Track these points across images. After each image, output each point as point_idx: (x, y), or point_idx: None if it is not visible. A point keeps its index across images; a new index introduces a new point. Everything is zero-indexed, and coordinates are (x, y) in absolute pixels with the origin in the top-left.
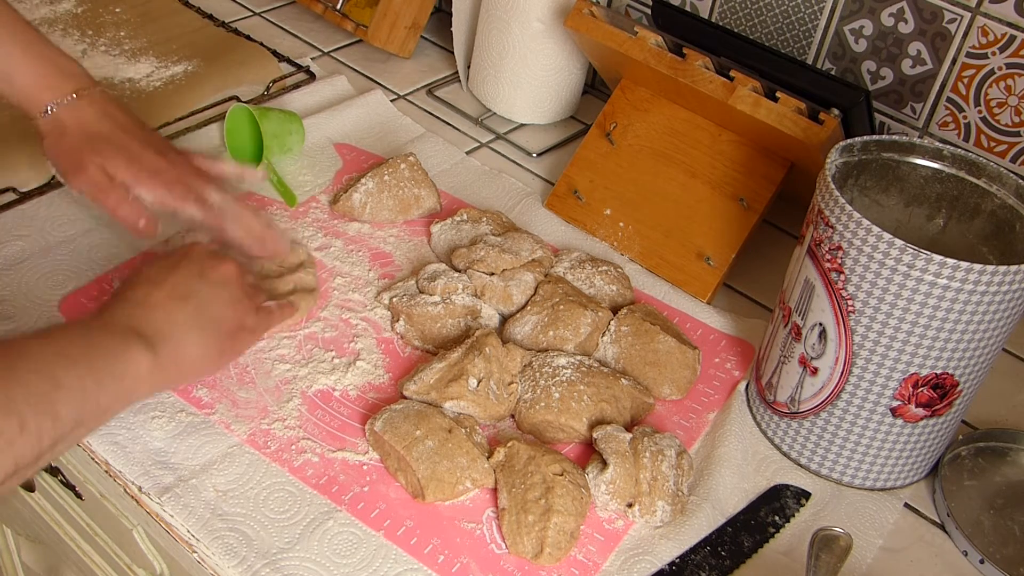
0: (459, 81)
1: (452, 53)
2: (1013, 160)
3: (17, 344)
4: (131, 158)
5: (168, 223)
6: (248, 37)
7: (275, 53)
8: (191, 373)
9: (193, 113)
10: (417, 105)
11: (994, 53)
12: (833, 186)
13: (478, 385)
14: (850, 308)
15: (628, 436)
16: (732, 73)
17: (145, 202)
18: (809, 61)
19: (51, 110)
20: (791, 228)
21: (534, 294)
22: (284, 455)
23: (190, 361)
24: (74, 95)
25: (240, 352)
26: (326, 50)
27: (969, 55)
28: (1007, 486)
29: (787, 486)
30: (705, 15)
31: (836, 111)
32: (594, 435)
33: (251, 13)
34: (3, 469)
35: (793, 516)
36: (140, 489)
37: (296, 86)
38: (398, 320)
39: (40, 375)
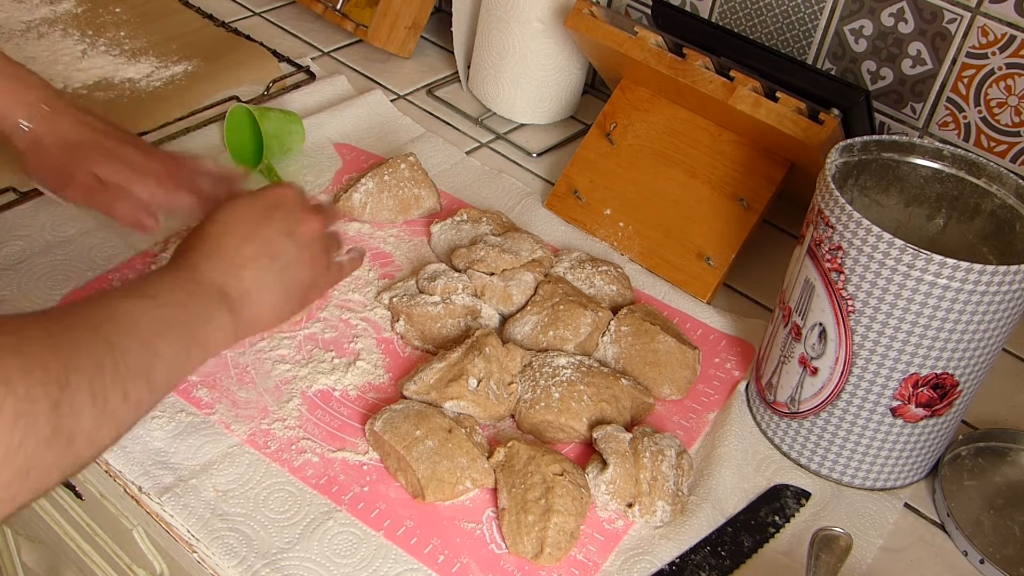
0: (459, 81)
1: (452, 53)
2: (1013, 160)
3: (115, 305)
4: (117, 159)
5: (164, 224)
6: (248, 37)
7: (275, 53)
8: (260, 328)
9: (193, 113)
10: (417, 105)
11: (994, 53)
12: (833, 186)
13: (478, 385)
14: (850, 308)
15: (628, 436)
16: (732, 73)
17: (140, 200)
18: (809, 61)
19: (25, 126)
20: (791, 228)
21: (534, 294)
22: (284, 455)
23: (264, 319)
24: (44, 106)
25: (305, 306)
26: (326, 50)
27: (969, 55)
28: (1007, 486)
29: (787, 486)
30: (705, 15)
31: (836, 111)
32: (594, 435)
33: (251, 13)
34: (109, 437)
35: (793, 516)
36: (140, 489)
37: (296, 86)
38: (398, 320)
39: (141, 343)
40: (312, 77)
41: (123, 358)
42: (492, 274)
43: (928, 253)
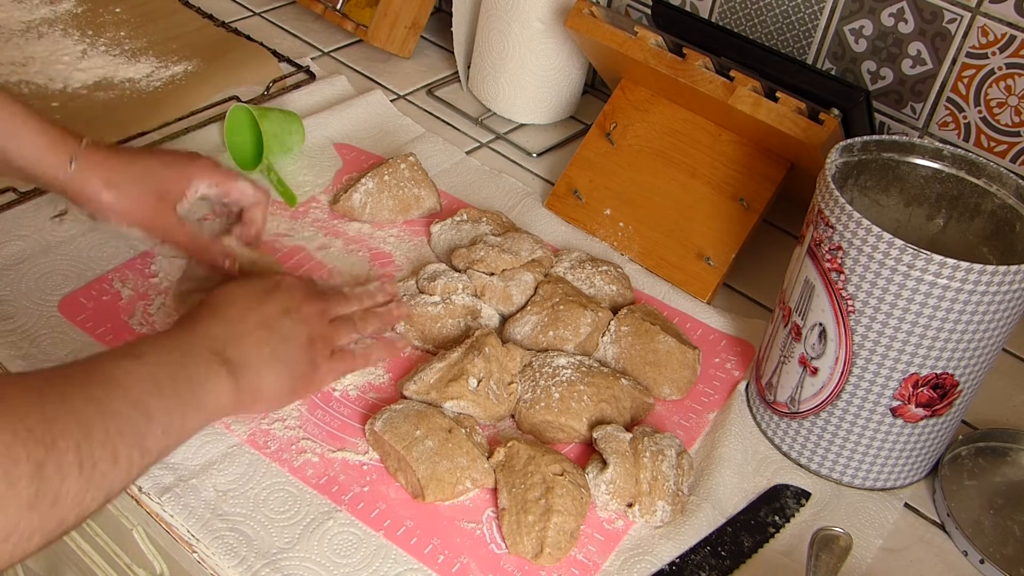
0: (459, 81)
1: (452, 53)
2: (1013, 160)
3: (107, 367)
4: (168, 160)
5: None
6: (248, 37)
7: (275, 53)
8: (262, 406)
9: (193, 113)
10: (417, 105)
11: (994, 53)
12: (833, 186)
13: (478, 385)
14: (850, 308)
15: (628, 436)
16: (732, 73)
17: (208, 193)
18: (809, 61)
19: (72, 165)
20: (791, 228)
21: (534, 294)
22: (284, 455)
23: (264, 394)
24: (82, 146)
25: (311, 392)
26: (326, 50)
27: (969, 55)
28: (1007, 486)
29: (787, 486)
30: (705, 15)
31: (836, 111)
32: (594, 435)
33: (251, 13)
34: (96, 501)
35: (793, 516)
36: (140, 489)
37: (296, 86)
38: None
39: (132, 406)
40: (312, 77)
41: (114, 421)
42: (492, 274)
43: (928, 253)
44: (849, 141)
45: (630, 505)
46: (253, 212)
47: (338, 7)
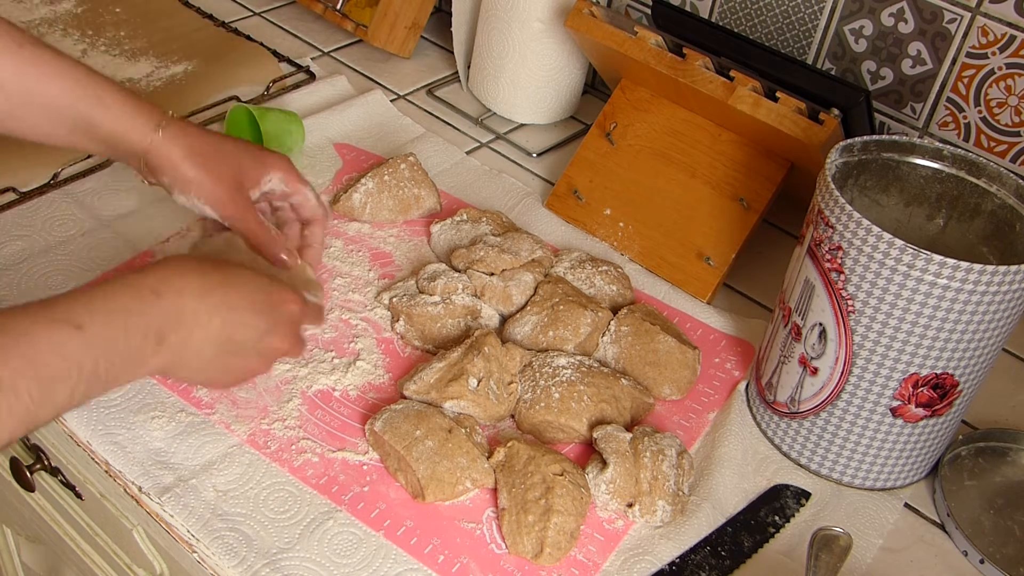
0: (459, 81)
1: (452, 53)
2: (1013, 160)
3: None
4: (249, 149)
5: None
6: (248, 37)
7: (275, 53)
8: (187, 371)
9: (193, 113)
10: (417, 105)
11: (994, 53)
12: (833, 186)
13: (478, 385)
14: (850, 308)
15: (628, 436)
16: (732, 73)
17: (275, 188)
18: (809, 61)
19: (160, 131)
20: (791, 228)
21: (534, 294)
22: (284, 455)
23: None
24: (164, 120)
25: (245, 378)
26: (326, 50)
27: (969, 55)
28: (1007, 486)
29: (787, 486)
30: (705, 15)
31: (836, 111)
32: (594, 435)
33: (251, 13)
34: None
35: (793, 516)
36: (140, 489)
37: (296, 86)
38: (398, 320)
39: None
40: (312, 77)
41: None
42: (492, 274)
43: (928, 253)
44: (849, 141)
45: (630, 505)
46: (314, 230)
47: (338, 7)
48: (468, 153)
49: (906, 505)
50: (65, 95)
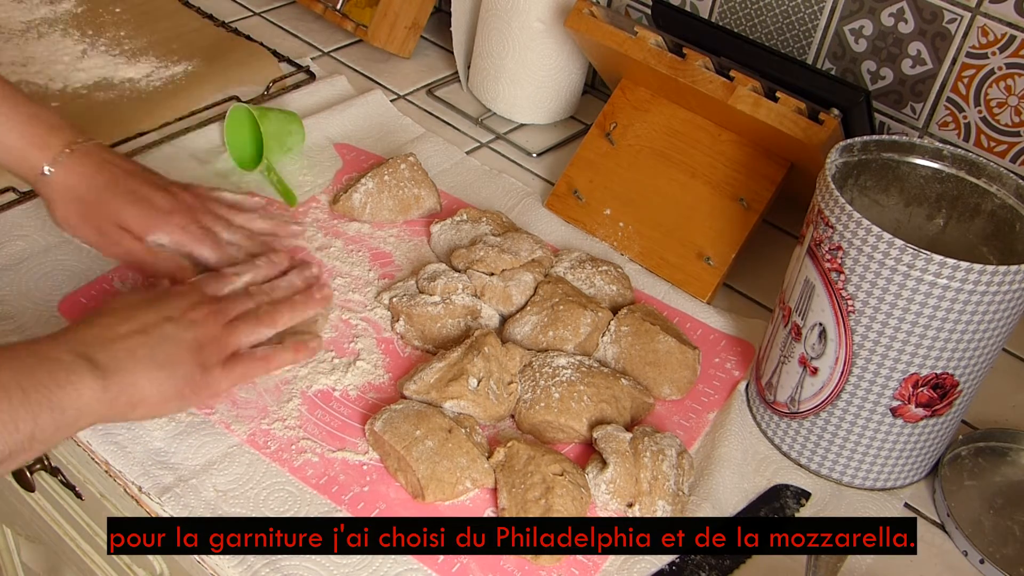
0: (459, 81)
1: (452, 53)
2: (1013, 160)
3: None
4: (141, 203)
5: None
6: (248, 37)
7: (275, 53)
8: (144, 411)
9: (193, 113)
10: (417, 105)
11: (994, 53)
12: (833, 186)
13: (478, 385)
14: (850, 308)
15: (628, 436)
16: (732, 73)
17: (163, 245)
18: (809, 61)
19: (48, 171)
20: (791, 228)
21: (534, 294)
22: (284, 455)
23: (146, 400)
24: (67, 150)
25: (204, 399)
26: (326, 50)
27: (969, 55)
28: (1007, 486)
29: (787, 486)
30: (705, 15)
31: (836, 111)
32: (594, 435)
33: (251, 13)
34: None
35: (793, 516)
36: (140, 489)
37: (296, 86)
38: (398, 320)
39: None
40: (312, 77)
41: None
42: (492, 274)
43: (928, 253)
44: (849, 141)
45: (630, 505)
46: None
47: (338, 7)
48: (468, 153)
49: (906, 505)
50: None
